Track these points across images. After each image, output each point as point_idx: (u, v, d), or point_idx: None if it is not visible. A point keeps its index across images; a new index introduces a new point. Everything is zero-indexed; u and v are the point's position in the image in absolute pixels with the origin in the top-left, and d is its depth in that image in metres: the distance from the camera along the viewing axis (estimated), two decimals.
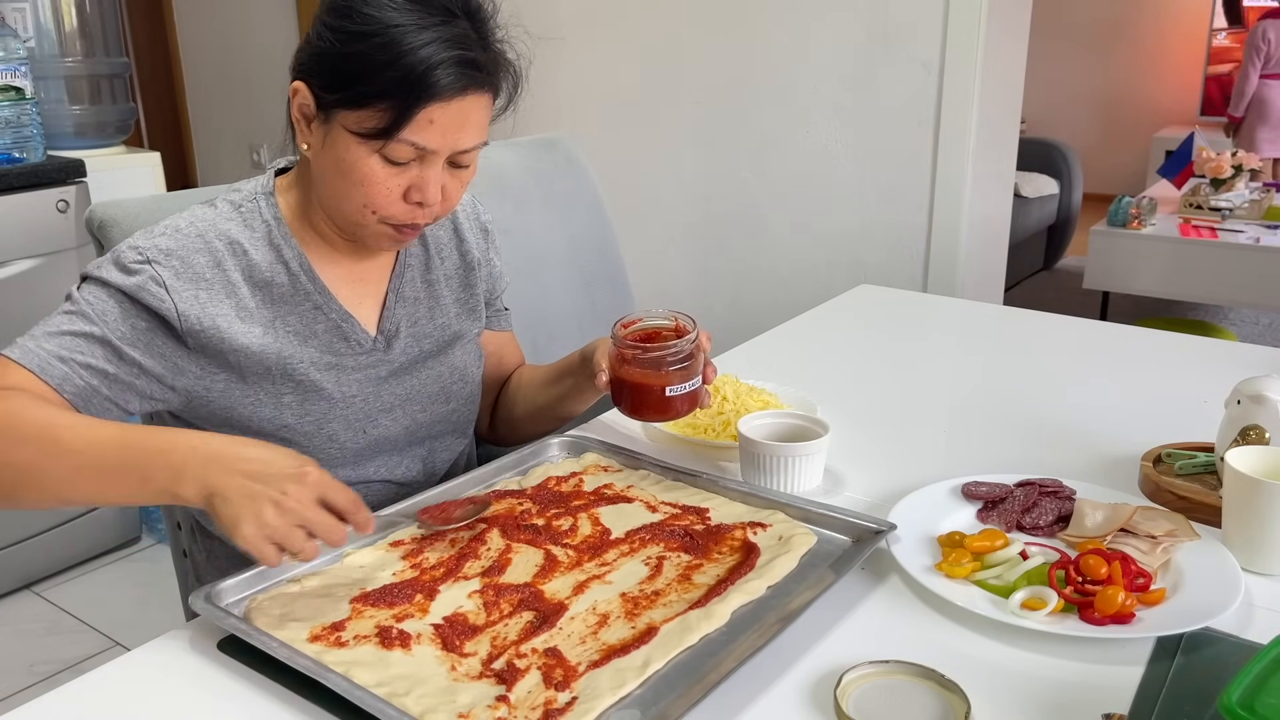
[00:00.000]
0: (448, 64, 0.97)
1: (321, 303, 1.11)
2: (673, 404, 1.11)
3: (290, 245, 1.10)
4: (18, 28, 2.44)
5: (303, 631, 0.84)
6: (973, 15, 2.40)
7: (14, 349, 0.98)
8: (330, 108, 1.01)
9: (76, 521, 2.48)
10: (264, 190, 1.12)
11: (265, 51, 4.22)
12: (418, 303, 1.20)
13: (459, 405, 1.24)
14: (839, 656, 0.84)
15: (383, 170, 1.01)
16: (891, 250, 2.65)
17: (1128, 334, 1.76)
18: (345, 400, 1.13)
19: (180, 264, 1.04)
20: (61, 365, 0.98)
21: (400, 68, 0.97)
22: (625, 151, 2.99)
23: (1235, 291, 3.61)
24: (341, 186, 1.04)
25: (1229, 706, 0.71)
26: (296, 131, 1.07)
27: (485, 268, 1.28)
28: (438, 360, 1.21)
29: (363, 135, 1.00)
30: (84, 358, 1.00)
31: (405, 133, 0.99)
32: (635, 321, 1.15)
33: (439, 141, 1.00)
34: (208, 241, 1.06)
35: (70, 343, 1.00)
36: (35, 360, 0.97)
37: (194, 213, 1.09)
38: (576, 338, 1.69)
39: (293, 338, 1.10)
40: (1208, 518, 1.04)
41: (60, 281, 2.36)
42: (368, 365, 1.15)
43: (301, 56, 1.04)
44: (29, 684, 2.09)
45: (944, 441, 1.30)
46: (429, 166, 1.02)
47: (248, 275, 1.08)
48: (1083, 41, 6.64)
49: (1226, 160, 3.87)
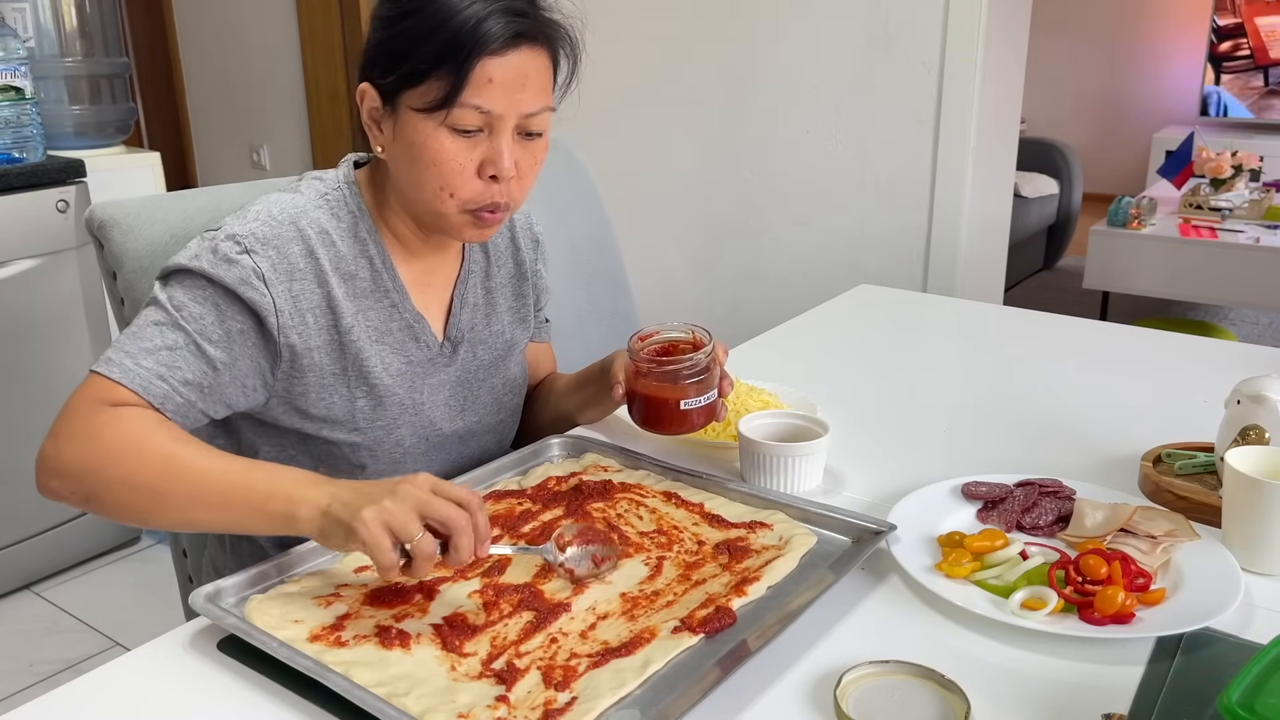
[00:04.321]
0: (495, 14, 0.98)
1: (398, 301, 1.11)
2: (688, 417, 1.11)
3: (375, 239, 1.10)
4: (18, 28, 2.44)
5: (303, 631, 0.84)
6: (973, 15, 2.40)
7: (113, 367, 0.97)
8: (394, 94, 1.02)
9: (76, 521, 2.48)
10: (347, 180, 1.11)
11: (265, 51, 4.22)
12: (477, 309, 1.20)
13: (507, 416, 1.25)
14: (839, 656, 0.84)
15: (453, 144, 1.01)
16: (891, 250, 2.65)
17: (1128, 334, 1.76)
18: (415, 406, 1.13)
19: (276, 254, 1.03)
20: (162, 384, 0.97)
21: (449, 28, 0.98)
22: (625, 151, 2.99)
23: (1235, 291, 3.61)
24: (416, 172, 1.03)
25: (1229, 706, 0.71)
26: (370, 136, 1.07)
27: (534, 279, 1.28)
28: (496, 370, 1.22)
29: (427, 109, 1.00)
30: (182, 374, 0.99)
31: (466, 94, 0.99)
32: (652, 334, 1.16)
33: (502, 101, 1.00)
34: (300, 229, 1.05)
35: (168, 358, 0.98)
36: (137, 380, 0.96)
37: (281, 199, 1.07)
38: (576, 337, 1.69)
39: (370, 334, 1.09)
40: (1208, 518, 1.04)
41: (60, 281, 2.36)
42: (435, 371, 1.15)
43: (362, 60, 1.05)
44: (29, 684, 2.09)
45: (944, 441, 1.30)
46: (498, 135, 1.02)
47: (335, 266, 1.07)
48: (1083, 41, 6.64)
49: (1226, 160, 3.87)
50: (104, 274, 1.25)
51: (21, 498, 2.34)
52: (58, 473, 0.94)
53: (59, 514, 2.44)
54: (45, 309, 2.35)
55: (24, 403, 2.33)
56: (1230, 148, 4.00)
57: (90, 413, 0.94)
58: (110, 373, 0.96)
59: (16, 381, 2.32)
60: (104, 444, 0.92)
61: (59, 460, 0.94)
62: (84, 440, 0.93)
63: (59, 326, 2.38)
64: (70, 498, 0.94)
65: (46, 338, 2.36)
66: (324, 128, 4.16)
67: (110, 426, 0.93)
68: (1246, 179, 3.94)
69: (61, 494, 0.94)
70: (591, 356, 1.28)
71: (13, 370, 2.31)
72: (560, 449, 1.21)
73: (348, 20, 3.98)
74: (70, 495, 0.94)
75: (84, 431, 0.94)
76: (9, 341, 2.30)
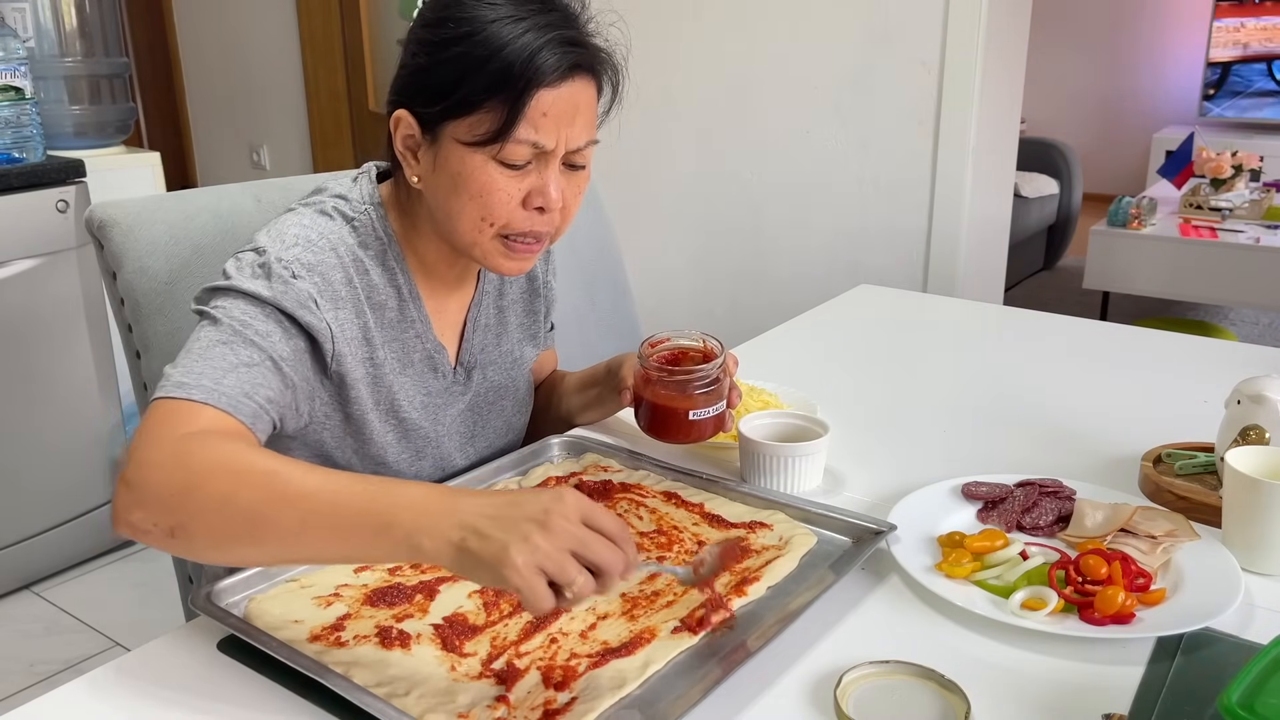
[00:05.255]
0: (551, 44, 0.94)
1: (422, 331, 1.09)
2: (695, 427, 1.11)
3: (402, 267, 1.06)
4: (18, 28, 2.44)
5: (303, 631, 0.84)
6: (973, 15, 2.41)
7: (192, 390, 0.87)
8: (437, 124, 0.98)
9: (76, 521, 2.48)
10: (372, 201, 1.06)
11: (265, 51, 4.22)
12: (489, 330, 1.19)
13: (515, 438, 1.25)
14: (839, 656, 0.84)
15: (502, 177, 0.97)
16: (891, 250, 2.65)
17: (1128, 334, 1.76)
18: (436, 439, 1.12)
19: (322, 281, 0.98)
20: (249, 402, 0.90)
21: (503, 58, 0.93)
22: (625, 151, 2.99)
23: (1235, 291, 3.61)
24: (457, 204, 0.99)
25: (1229, 707, 0.71)
26: (404, 165, 1.02)
27: (545, 291, 1.27)
28: (506, 392, 1.21)
29: (476, 143, 0.95)
30: (265, 390, 0.92)
31: (521, 130, 0.95)
32: (663, 341, 1.15)
33: (554, 135, 0.96)
34: (340, 256, 1.01)
35: (248, 375, 0.91)
36: (225, 400, 0.88)
37: (315, 222, 1.02)
38: (576, 337, 1.69)
39: (396, 366, 1.07)
40: (1208, 518, 1.04)
41: (60, 281, 2.36)
42: (451, 400, 1.14)
43: (397, 84, 1.01)
44: (29, 684, 2.08)
45: (944, 441, 1.30)
46: (547, 167, 0.98)
47: (369, 296, 1.03)
48: (1083, 41, 6.64)
49: (1226, 160, 3.87)
50: (104, 274, 1.25)
51: (22, 498, 2.34)
52: (141, 502, 0.81)
53: (59, 514, 2.44)
54: (45, 309, 2.35)
55: (24, 403, 2.33)
56: (1230, 148, 4.00)
57: (175, 436, 0.84)
58: (191, 395, 0.87)
59: (17, 382, 2.32)
60: (196, 465, 0.81)
61: (144, 488, 0.81)
62: (175, 463, 0.81)
63: (59, 326, 2.38)
64: (153, 531, 0.81)
65: (46, 338, 2.36)
66: (324, 128, 4.16)
67: (202, 448, 0.82)
68: (1246, 179, 3.94)
69: (144, 527, 0.81)
70: (591, 356, 1.28)
71: (13, 370, 2.31)
72: (560, 449, 1.21)
73: (348, 20, 3.98)
74: (154, 528, 0.81)
75: (174, 454, 0.82)
76: (9, 341, 2.30)
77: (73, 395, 2.41)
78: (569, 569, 0.71)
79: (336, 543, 0.77)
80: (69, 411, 2.40)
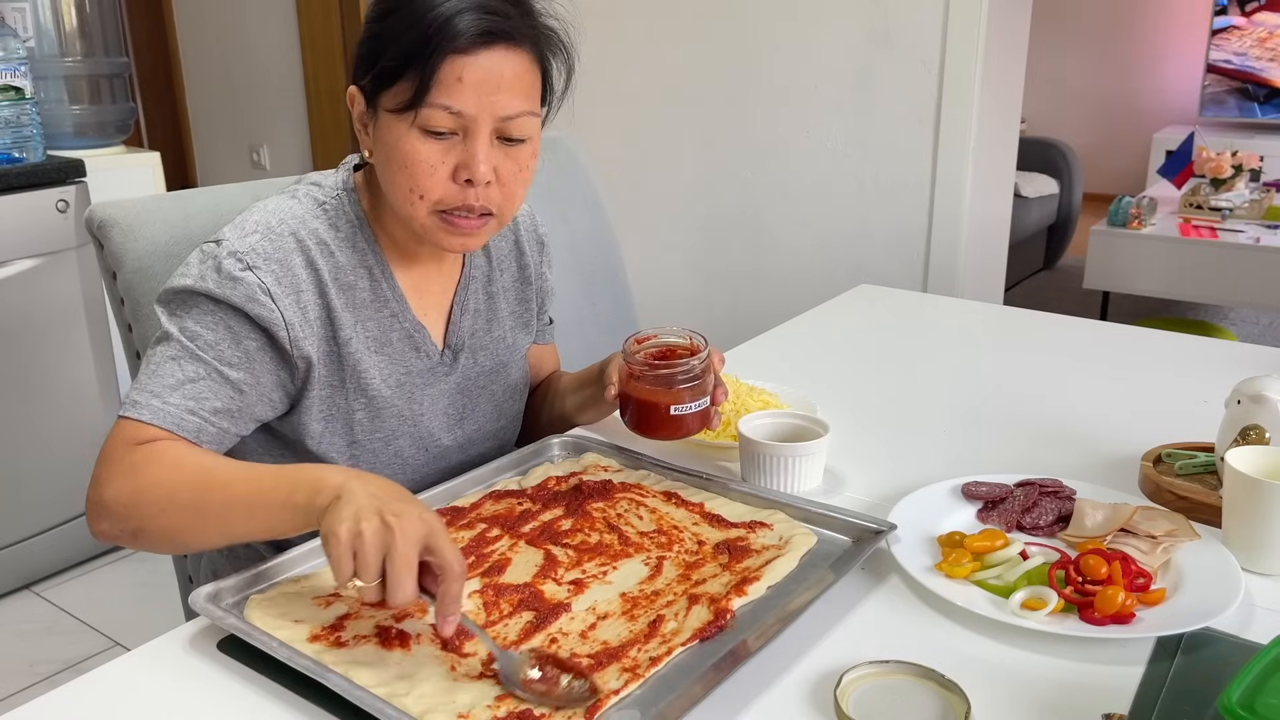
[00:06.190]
0: (466, 11, 0.96)
1: (398, 310, 1.10)
2: (678, 423, 1.10)
3: (373, 248, 1.08)
4: (18, 28, 2.45)
5: (303, 631, 0.84)
6: (973, 15, 2.41)
7: (141, 409, 0.96)
8: (373, 97, 1.01)
9: (76, 521, 2.47)
10: (346, 186, 1.09)
11: (265, 51, 4.22)
12: (479, 315, 1.19)
13: (507, 423, 1.25)
14: (839, 656, 0.84)
15: (424, 146, 0.98)
16: (891, 250, 2.65)
17: (1128, 334, 1.76)
18: (414, 417, 1.12)
19: (279, 268, 1.01)
20: (193, 418, 0.97)
21: (419, 26, 0.95)
22: (625, 151, 2.99)
23: (1235, 291, 3.61)
24: (390, 175, 1.01)
25: (1229, 706, 0.71)
26: (360, 142, 1.06)
27: (539, 281, 1.28)
28: (496, 377, 1.21)
29: (398, 110, 0.98)
30: (210, 403, 0.98)
31: (434, 94, 0.96)
32: (649, 338, 1.15)
33: (472, 102, 0.97)
34: (300, 240, 1.04)
35: (193, 391, 0.98)
36: (168, 418, 0.96)
37: (279, 206, 1.05)
38: (576, 338, 1.69)
39: (369, 345, 1.08)
40: (1208, 518, 1.04)
41: (60, 281, 2.36)
42: (434, 380, 1.14)
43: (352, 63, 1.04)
44: (29, 684, 2.09)
45: (944, 441, 1.30)
46: (473, 138, 0.99)
47: (335, 277, 1.05)
48: (1083, 41, 6.64)
49: (1226, 160, 3.87)
50: (104, 274, 1.25)
51: (22, 498, 2.34)
52: (105, 514, 0.94)
53: (59, 514, 2.44)
54: (45, 309, 2.35)
55: (24, 403, 2.33)
56: (1230, 148, 4.00)
57: (126, 453, 0.94)
58: (140, 415, 0.96)
59: (16, 381, 2.32)
60: (143, 475, 0.92)
61: (103, 502, 0.94)
62: (123, 477, 0.93)
63: (59, 326, 2.38)
64: (121, 536, 0.94)
65: (46, 338, 2.36)
66: (324, 128, 4.16)
67: (147, 460, 0.93)
68: (1246, 179, 3.94)
69: (112, 534, 0.94)
70: (591, 356, 1.28)
71: (13, 370, 2.31)
72: (560, 449, 1.21)
73: (348, 20, 3.98)
74: (120, 534, 0.94)
75: (122, 469, 0.94)
76: (9, 341, 2.30)
77: (73, 395, 2.41)
78: (370, 568, 0.77)
79: (254, 518, 0.89)
80: (69, 411, 2.40)
